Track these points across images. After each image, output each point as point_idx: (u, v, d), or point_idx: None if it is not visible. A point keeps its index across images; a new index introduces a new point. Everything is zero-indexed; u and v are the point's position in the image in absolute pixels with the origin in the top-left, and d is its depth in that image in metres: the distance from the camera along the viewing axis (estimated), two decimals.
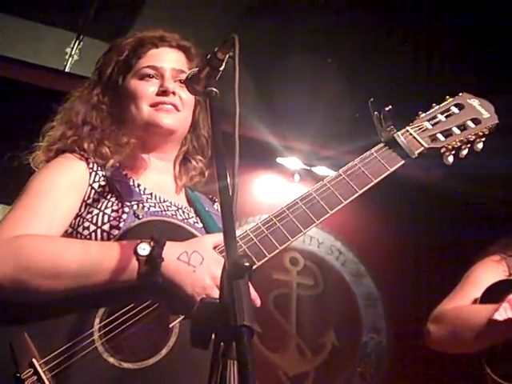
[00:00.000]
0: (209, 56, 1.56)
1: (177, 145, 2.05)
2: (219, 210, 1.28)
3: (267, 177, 5.60)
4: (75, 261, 1.58)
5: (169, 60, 2.00)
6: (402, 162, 1.93)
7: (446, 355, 2.68)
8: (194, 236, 1.72)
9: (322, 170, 5.57)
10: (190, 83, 1.62)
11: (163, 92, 1.94)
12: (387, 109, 1.94)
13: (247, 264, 1.04)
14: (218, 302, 1.08)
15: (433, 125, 2.01)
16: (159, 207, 1.84)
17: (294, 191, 5.55)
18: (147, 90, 1.95)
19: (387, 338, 5.61)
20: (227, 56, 1.54)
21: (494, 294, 2.47)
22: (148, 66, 1.98)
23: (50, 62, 4.59)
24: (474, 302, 2.54)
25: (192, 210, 1.97)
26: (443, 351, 2.66)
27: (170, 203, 1.90)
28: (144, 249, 1.57)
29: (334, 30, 4.18)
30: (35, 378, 1.52)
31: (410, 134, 1.98)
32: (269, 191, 5.51)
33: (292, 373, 5.19)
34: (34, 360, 1.53)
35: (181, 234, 1.69)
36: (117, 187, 1.81)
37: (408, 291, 5.44)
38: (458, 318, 2.50)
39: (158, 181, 1.98)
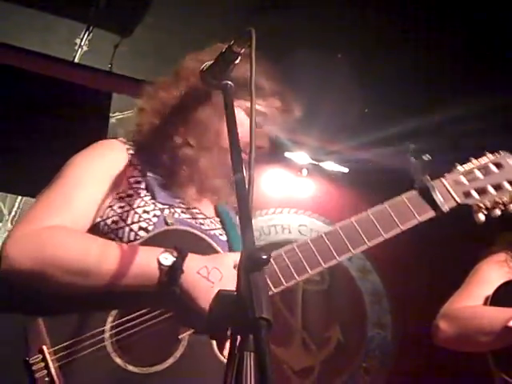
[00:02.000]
0: (224, 49, 1.56)
1: None
2: None
3: (275, 171, 5.59)
4: (99, 261, 1.58)
5: None
6: (433, 214, 1.92)
7: (451, 351, 2.67)
8: (215, 251, 1.71)
9: (329, 164, 5.56)
10: (204, 76, 1.62)
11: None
12: (426, 158, 1.95)
13: (264, 257, 1.04)
14: (234, 295, 1.08)
15: (469, 180, 1.97)
16: (189, 214, 1.84)
17: (301, 186, 5.55)
18: None
19: (392, 334, 5.63)
20: (242, 50, 1.54)
21: (501, 296, 2.49)
22: None
23: (60, 52, 4.58)
24: (485, 301, 2.54)
25: (219, 220, 1.96)
26: (450, 348, 2.66)
27: (199, 211, 1.90)
28: (167, 258, 1.58)
29: (344, 26, 4.17)
30: (42, 364, 1.53)
31: (444, 186, 1.95)
32: (277, 186, 5.51)
33: (297, 367, 5.22)
34: (44, 347, 1.54)
35: (202, 247, 1.69)
36: (152, 187, 1.80)
37: (413, 287, 5.45)
38: (471, 320, 2.49)
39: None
